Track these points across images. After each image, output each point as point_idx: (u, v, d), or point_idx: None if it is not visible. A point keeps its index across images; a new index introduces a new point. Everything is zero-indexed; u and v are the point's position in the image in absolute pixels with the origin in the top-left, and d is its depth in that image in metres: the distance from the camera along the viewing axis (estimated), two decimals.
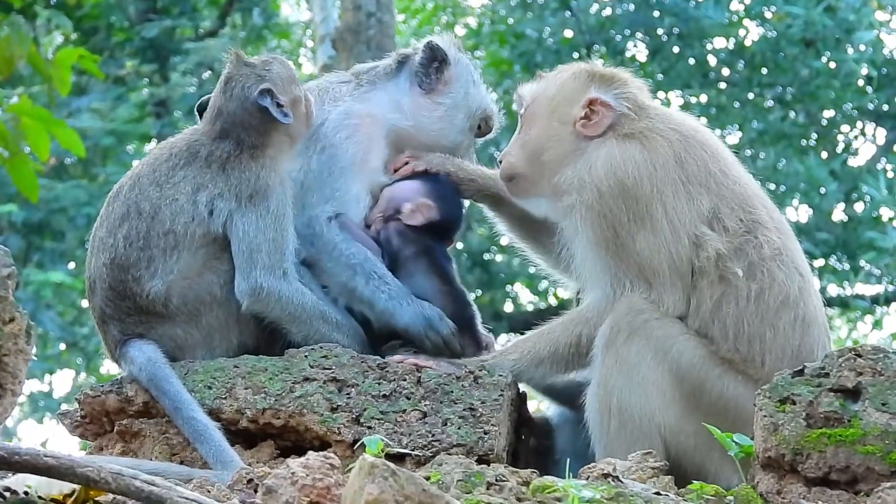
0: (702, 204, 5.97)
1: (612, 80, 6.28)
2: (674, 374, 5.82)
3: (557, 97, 6.30)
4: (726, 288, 5.89)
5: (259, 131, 6.14)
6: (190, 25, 25.00)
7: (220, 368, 5.92)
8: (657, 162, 5.99)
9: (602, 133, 6.14)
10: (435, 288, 6.23)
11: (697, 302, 5.91)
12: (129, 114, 22.85)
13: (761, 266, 5.92)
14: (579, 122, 6.18)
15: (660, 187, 5.95)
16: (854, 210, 21.86)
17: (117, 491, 4.17)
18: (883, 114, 22.39)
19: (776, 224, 6.08)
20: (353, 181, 6.31)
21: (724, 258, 5.90)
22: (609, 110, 6.16)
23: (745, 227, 5.96)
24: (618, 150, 6.03)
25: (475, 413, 5.78)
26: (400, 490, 3.87)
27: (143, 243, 6.01)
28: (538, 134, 6.29)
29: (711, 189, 6.00)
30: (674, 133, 6.10)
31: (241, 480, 4.92)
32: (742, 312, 5.87)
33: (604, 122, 6.15)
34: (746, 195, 6.09)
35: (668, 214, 5.94)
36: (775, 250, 5.96)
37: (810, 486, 4.95)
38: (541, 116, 6.31)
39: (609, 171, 5.98)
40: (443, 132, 6.57)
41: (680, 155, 6.02)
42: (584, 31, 21.33)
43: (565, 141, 6.20)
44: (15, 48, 9.62)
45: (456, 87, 6.61)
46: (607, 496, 4.45)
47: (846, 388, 5.00)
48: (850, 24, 20.66)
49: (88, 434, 6.14)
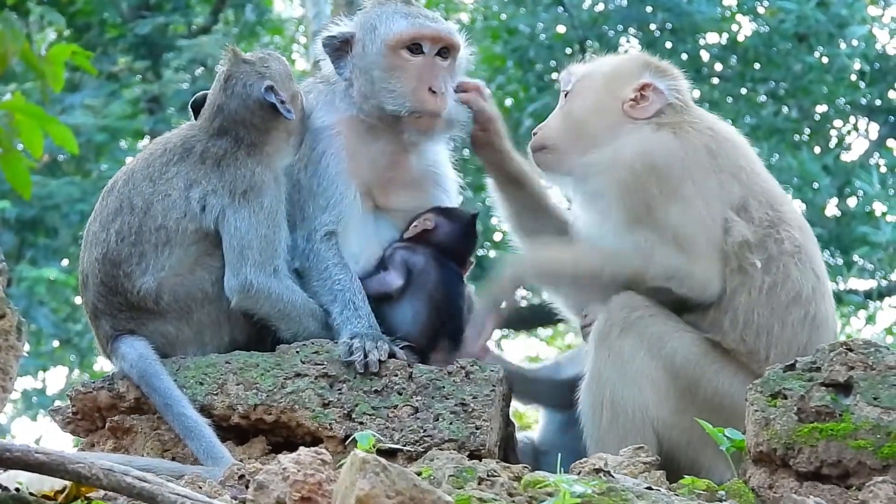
0: (732, 191, 6.01)
1: (667, 72, 6.37)
2: (668, 370, 5.84)
3: (611, 75, 6.37)
4: (743, 278, 5.93)
5: (259, 129, 6.14)
6: (183, 22, 24.96)
7: (211, 364, 5.92)
8: (688, 149, 6.05)
9: (646, 118, 6.20)
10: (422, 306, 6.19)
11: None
12: (123, 110, 22.83)
13: (778, 261, 5.94)
14: (628, 102, 6.25)
15: (691, 170, 5.99)
16: (847, 205, 21.86)
17: (108, 487, 4.17)
18: (876, 109, 22.38)
19: (799, 224, 6.13)
20: (347, 187, 6.27)
21: (747, 247, 5.92)
22: (660, 96, 6.25)
23: (769, 221, 6.00)
24: (651, 136, 6.11)
25: (467, 408, 5.78)
26: (391, 485, 3.87)
27: (134, 238, 6.01)
28: (583, 106, 6.34)
29: (742, 181, 6.05)
30: (707, 129, 6.17)
31: (233, 476, 4.92)
32: (753, 303, 5.90)
33: (652, 107, 6.23)
34: (774, 193, 6.15)
35: (701, 192, 5.98)
36: (795, 248, 5.99)
37: (802, 481, 4.96)
38: (590, 90, 6.36)
39: (639, 152, 6.04)
40: (378, 92, 6.31)
41: (711, 147, 6.08)
42: (577, 26, 21.31)
43: (608, 118, 6.25)
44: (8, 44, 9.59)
45: (357, 49, 6.40)
46: (599, 491, 4.44)
47: (838, 382, 5.01)
48: (842, 19, 20.66)
49: (80, 430, 6.14)
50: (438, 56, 6.36)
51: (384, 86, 6.32)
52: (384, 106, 6.31)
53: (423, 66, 6.32)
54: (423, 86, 6.28)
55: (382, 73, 6.33)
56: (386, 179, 6.44)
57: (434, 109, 6.28)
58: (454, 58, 6.41)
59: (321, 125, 6.38)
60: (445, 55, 6.38)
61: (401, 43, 6.33)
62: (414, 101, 6.27)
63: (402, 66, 6.32)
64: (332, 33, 6.50)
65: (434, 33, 6.35)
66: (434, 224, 6.31)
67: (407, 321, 6.12)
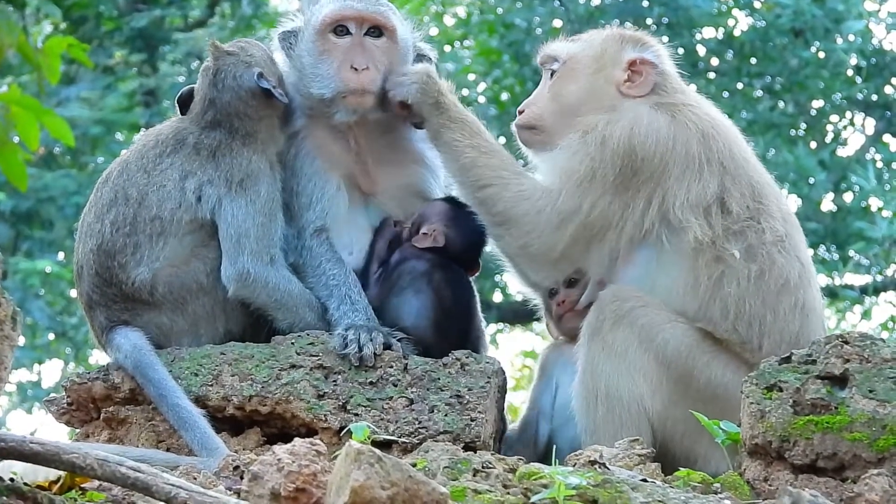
0: (709, 186, 5.98)
1: (643, 41, 6.37)
2: (660, 361, 5.84)
3: (597, 56, 6.34)
4: (724, 268, 5.91)
5: (253, 118, 6.15)
6: (179, 15, 24.93)
7: (206, 356, 5.92)
8: (678, 140, 6.01)
9: (646, 94, 6.20)
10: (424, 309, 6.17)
11: (695, 279, 5.92)
12: (119, 103, 22.80)
13: (761, 249, 5.94)
14: (624, 84, 6.24)
15: (669, 166, 5.96)
16: (843, 200, 21.86)
17: (103, 477, 4.17)
18: (872, 103, 22.39)
19: (784, 216, 6.12)
20: (326, 182, 6.27)
21: (718, 241, 5.90)
22: (652, 68, 6.24)
23: (749, 213, 5.98)
24: (646, 117, 6.07)
25: (462, 400, 5.78)
26: (386, 476, 3.87)
27: (129, 229, 6.01)
28: (576, 90, 6.31)
29: (728, 170, 6.02)
30: (705, 115, 6.15)
31: (228, 467, 4.93)
32: (743, 293, 5.89)
33: (648, 80, 6.23)
34: (761, 184, 6.12)
35: (658, 194, 5.95)
36: (777, 237, 5.98)
37: (797, 474, 4.96)
38: (581, 74, 6.33)
39: (627, 133, 6.01)
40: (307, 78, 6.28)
41: (707, 132, 6.05)
42: (573, 20, 21.28)
43: (605, 100, 6.23)
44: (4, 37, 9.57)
45: (299, 36, 6.38)
46: (594, 483, 4.45)
47: (833, 374, 5.01)
48: (839, 14, 20.66)
49: (75, 421, 6.14)
50: (368, 36, 6.29)
51: (312, 71, 6.29)
52: (311, 91, 6.28)
53: (349, 46, 6.26)
54: (345, 65, 6.21)
55: (311, 59, 6.30)
56: (363, 167, 6.42)
57: (356, 86, 6.19)
58: (391, 38, 6.32)
59: (289, 132, 6.38)
60: (376, 34, 6.31)
61: (326, 26, 6.29)
62: (337, 81, 6.21)
63: (329, 49, 6.28)
64: (283, 29, 6.50)
65: (356, 13, 6.28)
66: (444, 239, 6.29)
67: (411, 316, 6.12)
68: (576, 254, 6.04)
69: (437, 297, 6.15)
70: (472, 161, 6.10)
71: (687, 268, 5.93)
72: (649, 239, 5.98)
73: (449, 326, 6.15)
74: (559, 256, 6.01)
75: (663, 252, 5.97)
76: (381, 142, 6.44)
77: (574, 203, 5.95)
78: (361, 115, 6.27)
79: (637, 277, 5.99)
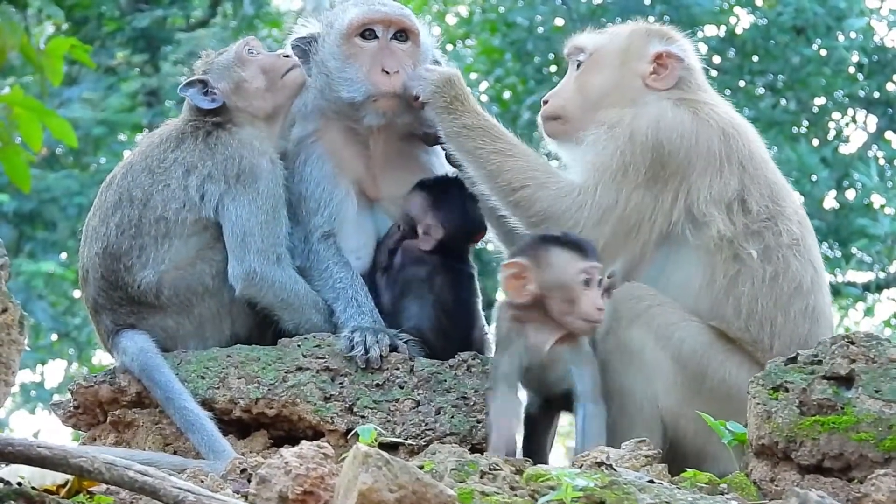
0: (730, 183, 5.99)
1: (670, 36, 6.41)
2: (675, 360, 5.85)
3: (624, 48, 6.37)
4: (741, 267, 5.93)
5: (211, 113, 6.18)
6: (181, 15, 24.95)
7: (213, 358, 5.92)
8: (701, 136, 6.02)
9: (670, 87, 6.23)
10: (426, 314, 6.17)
11: (711, 276, 5.94)
12: (121, 103, 22.81)
13: (777, 251, 5.96)
14: (649, 76, 6.26)
15: (693, 160, 5.97)
16: (845, 197, 21.88)
17: (110, 481, 4.17)
18: (874, 101, 22.41)
19: (799, 219, 6.15)
20: (335, 187, 6.27)
21: (737, 239, 5.91)
22: (677, 62, 6.27)
23: (768, 213, 6.01)
24: (670, 111, 6.08)
25: (468, 402, 5.78)
26: (393, 479, 3.87)
27: (134, 231, 6.02)
28: (602, 81, 6.32)
29: (747, 170, 6.04)
30: (725, 114, 6.18)
31: (235, 470, 4.93)
32: (757, 293, 5.91)
33: (672, 74, 6.26)
34: (778, 186, 6.16)
35: (681, 188, 5.97)
36: (793, 240, 6.01)
37: (804, 474, 4.95)
38: (607, 66, 6.35)
39: (654, 127, 6.02)
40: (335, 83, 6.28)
41: (727, 131, 6.07)
42: (576, 18, 21.29)
43: (630, 92, 6.25)
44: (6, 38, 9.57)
45: (318, 47, 6.37)
46: (601, 484, 4.44)
47: (839, 375, 5.00)
48: (840, 12, 20.68)
49: (81, 424, 6.14)
50: (395, 40, 6.31)
51: (340, 75, 6.28)
52: (341, 95, 6.27)
53: (377, 49, 6.28)
54: (375, 68, 6.22)
55: (338, 63, 6.29)
56: (371, 172, 6.42)
57: (388, 90, 6.20)
58: (415, 42, 6.35)
59: (299, 136, 6.38)
60: (403, 38, 6.33)
61: (353, 31, 6.29)
62: (368, 85, 6.21)
63: (356, 53, 6.28)
64: (298, 35, 6.48)
65: (383, 17, 6.30)
66: (442, 229, 6.27)
67: (414, 321, 6.13)
68: (614, 248, 6.03)
69: (439, 301, 6.16)
70: (498, 167, 6.09)
71: (704, 264, 5.94)
72: (673, 234, 5.99)
73: (452, 330, 6.16)
74: (600, 252, 6.00)
75: (683, 248, 5.98)
76: (397, 148, 6.44)
77: (611, 197, 5.96)
78: (390, 119, 6.28)
79: (653, 275, 6.01)
